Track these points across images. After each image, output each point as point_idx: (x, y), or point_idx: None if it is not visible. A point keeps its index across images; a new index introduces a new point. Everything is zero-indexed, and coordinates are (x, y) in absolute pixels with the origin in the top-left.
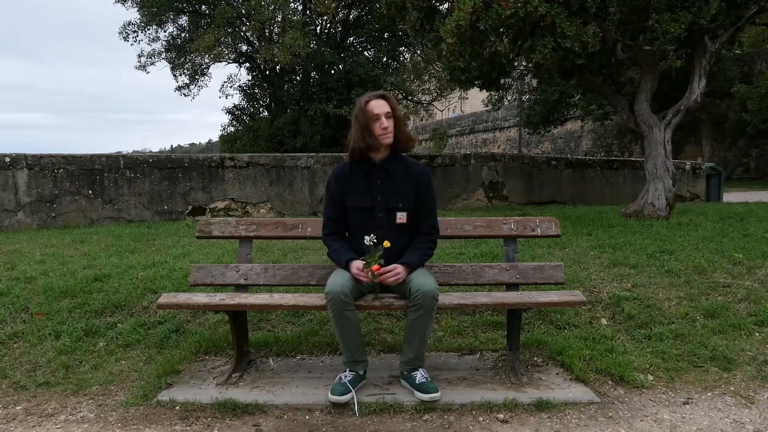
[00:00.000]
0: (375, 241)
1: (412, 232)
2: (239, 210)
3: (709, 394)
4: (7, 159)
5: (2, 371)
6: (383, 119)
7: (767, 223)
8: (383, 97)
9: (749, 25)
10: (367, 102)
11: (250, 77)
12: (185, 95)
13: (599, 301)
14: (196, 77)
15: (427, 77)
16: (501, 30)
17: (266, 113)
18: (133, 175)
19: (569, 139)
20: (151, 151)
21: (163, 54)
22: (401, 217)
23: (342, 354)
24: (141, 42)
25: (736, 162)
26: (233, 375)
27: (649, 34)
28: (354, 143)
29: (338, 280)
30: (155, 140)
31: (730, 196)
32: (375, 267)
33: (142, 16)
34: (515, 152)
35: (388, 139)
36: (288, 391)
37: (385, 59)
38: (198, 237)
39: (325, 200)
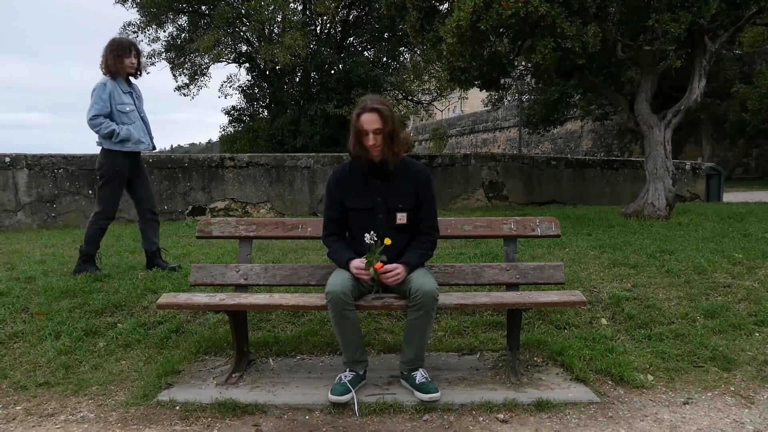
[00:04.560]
0: (376, 239)
1: (412, 233)
2: (239, 210)
3: (709, 394)
4: (7, 159)
5: (2, 371)
6: (370, 136)
7: (767, 223)
8: (376, 111)
9: (749, 25)
10: (358, 115)
11: (249, 77)
12: (185, 95)
13: (599, 301)
14: (196, 77)
15: (427, 77)
16: (501, 30)
17: (266, 113)
18: None
19: (569, 139)
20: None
21: (163, 54)
22: (401, 217)
23: (342, 354)
24: (141, 42)
25: (736, 162)
26: (233, 375)
27: (649, 34)
28: (351, 147)
29: (338, 279)
30: (155, 140)
31: (730, 196)
32: (378, 265)
33: (141, 17)
34: (515, 152)
35: (375, 152)
36: (288, 391)
37: (385, 59)
38: (198, 237)
39: (325, 201)
